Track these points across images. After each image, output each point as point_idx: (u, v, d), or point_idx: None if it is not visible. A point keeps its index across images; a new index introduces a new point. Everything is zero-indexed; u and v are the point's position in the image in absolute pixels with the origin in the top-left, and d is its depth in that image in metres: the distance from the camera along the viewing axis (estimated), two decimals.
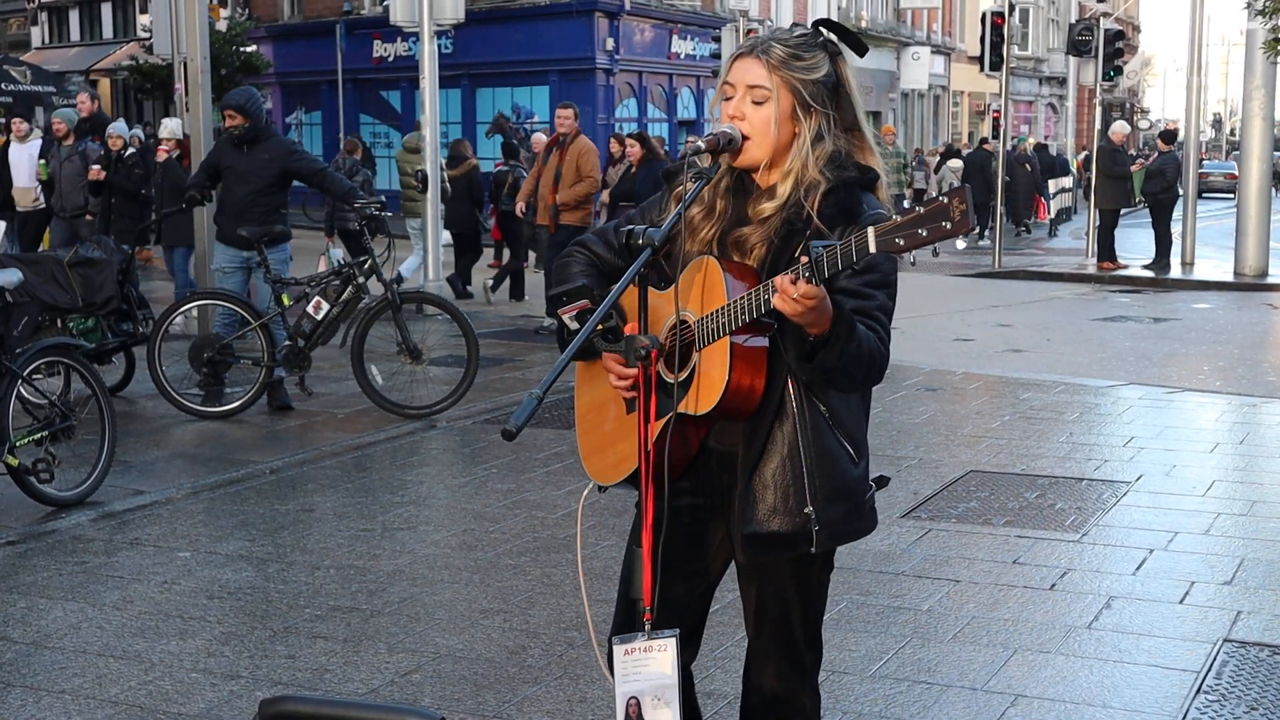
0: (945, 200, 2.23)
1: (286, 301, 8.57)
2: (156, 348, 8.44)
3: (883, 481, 2.79)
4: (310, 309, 8.49)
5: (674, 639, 2.55)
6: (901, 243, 2.27)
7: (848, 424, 2.68)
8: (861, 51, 2.75)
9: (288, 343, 8.52)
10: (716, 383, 2.57)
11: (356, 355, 8.49)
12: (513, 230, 14.89)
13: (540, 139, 17.00)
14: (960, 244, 23.20)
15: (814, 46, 2.68)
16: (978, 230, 25.37)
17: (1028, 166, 27.64)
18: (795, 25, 2.77)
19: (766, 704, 2.82)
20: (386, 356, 8.79)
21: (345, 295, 8.55)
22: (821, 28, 2.73)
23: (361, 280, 8.59)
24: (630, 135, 12.98)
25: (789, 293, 2.37)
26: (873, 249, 2.28)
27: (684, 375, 2.63)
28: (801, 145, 2.66)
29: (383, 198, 9.76)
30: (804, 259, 2.37)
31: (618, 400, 2.78)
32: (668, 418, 2.62)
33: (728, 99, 2.70)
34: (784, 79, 2.64)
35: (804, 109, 2.66)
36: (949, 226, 2.23)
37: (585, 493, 2.85)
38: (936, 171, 27.55)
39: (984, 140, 32.82)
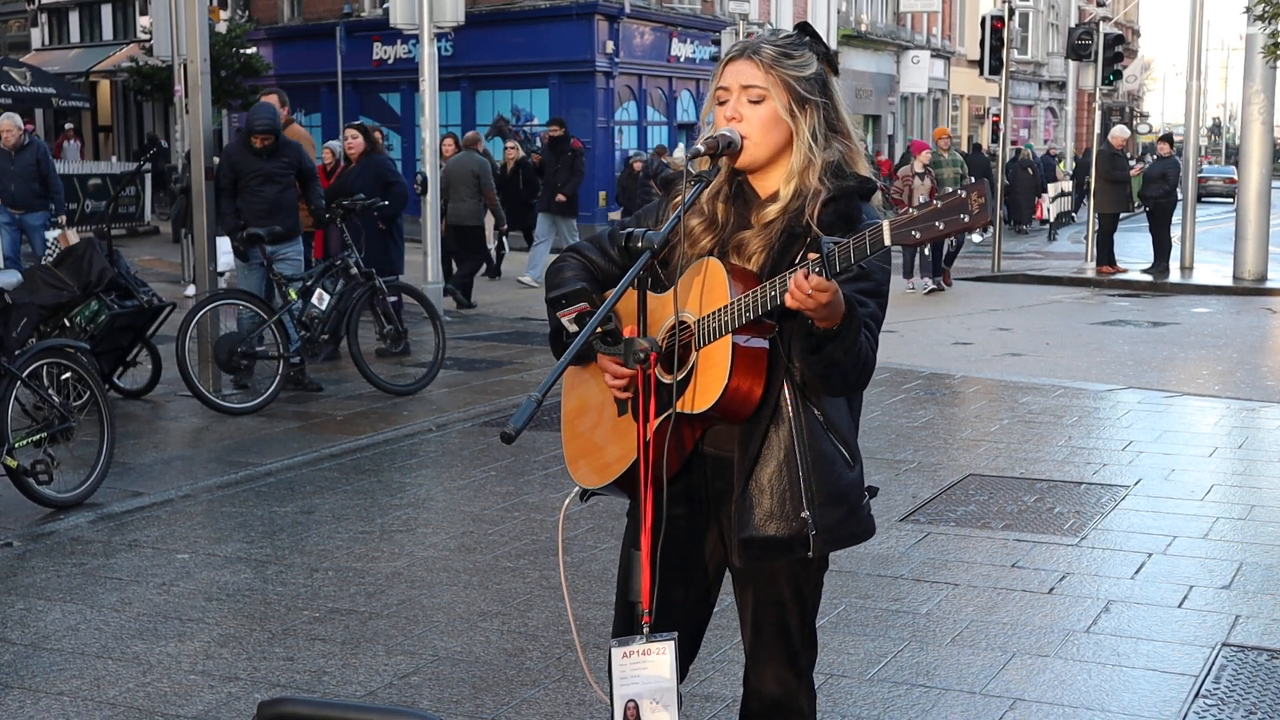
0: (963, 194, 2.25)
1: (293, 296, 9.06)
2: (184, 349, 8.48)
3: (872, 492, 2.80)
4: (314, 300, 9.11)
5: (672, 642, 2.55)
6: (918, 235, 2.28)
7: (841, 428, 2.69)
8: (834, 71, 2.78)
9: (304, 334, 9.11)
10: (716, 381, 2.56)
11: (352, 338, 9.16)
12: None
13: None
14: (976, 238, 22.99)
15: (801, 46, 2.71)
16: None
17: (1029, 170, 27.67)
18: (776, 29, 2.79)
19: (767, 709, 2.82)
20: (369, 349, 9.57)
21: (339, 287, 9.27)
22: (805, 32, 2.76)
23: (354, 271, 9.32)
24: (351, 126, 11.62)
25: (803, 287, 2.38)
26: (888, 241, 2.31)
27: (682, 375, 2.62)
28: (801, 142, 2.67)
29: (362, 195, 10.39)
30: (813, 255, 2.38)
31: (607, 404, 2.78)
32: (665, 416, 2.62)
33: (722, 103, 2.71)
34: (778, 77, 2.66)
35: (799, 104, 2.68)
36: (967, 219, 2.25)
37: (566, 501, 2.84)
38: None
39: (977, 146, 32.82)
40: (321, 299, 9.14)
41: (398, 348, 9.99)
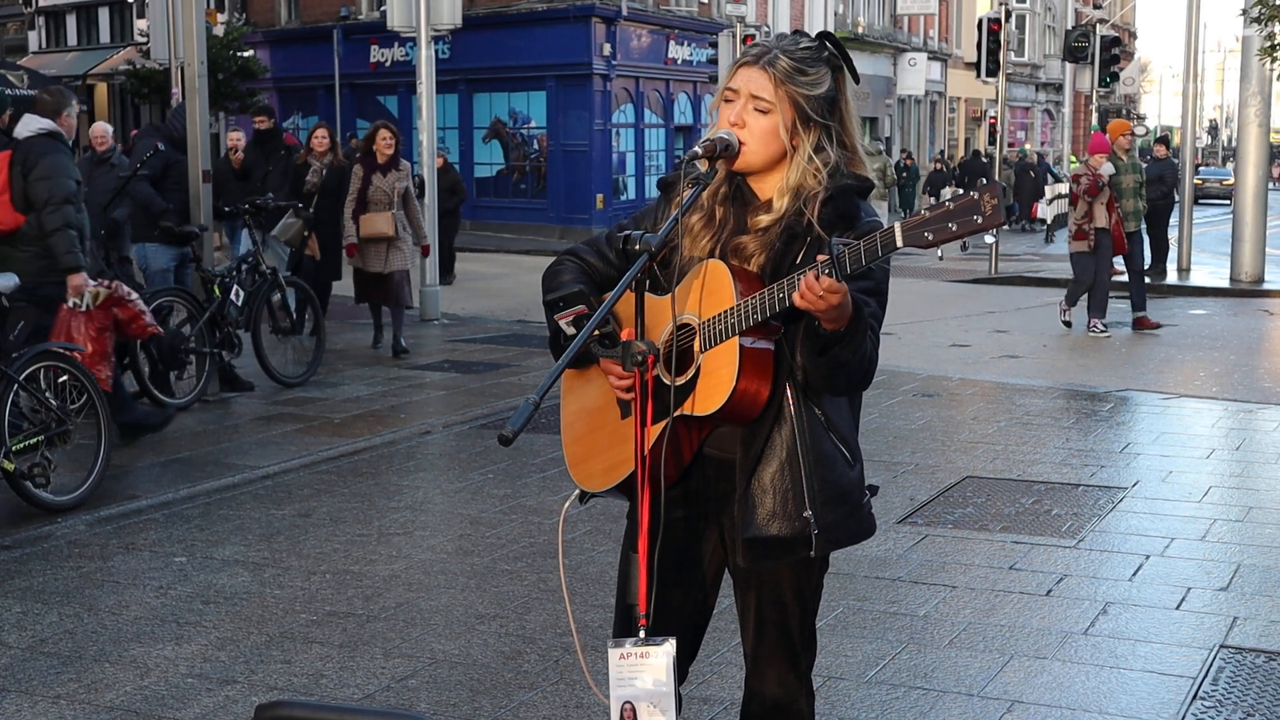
0: (975, 195, 2.27)
1: (218, 293, 9.30)
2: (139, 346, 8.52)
3: (873, 490, 2.80)
4: (232, 296, 9.37)
5: (670, 644, 2.55)
6: (930, 236, 2.29)
7: (842, 428, 2.70)
8: (854, 79, 2.77)
9: (228, 329, 9.31)
10: (723, 384, 2.56)
11: (256, 329, 9.50)
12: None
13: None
14: (988, 238, 22.81)
15: (818, 60, 2.69)
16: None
17: (1032, 174, 27.74)
18: (800, 34, 2.77)
19: (768, 711, 2.82)
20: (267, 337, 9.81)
21: (250, 284, 9.61)
22: (826, 41, 2.74)
23: (263, 268, 9.68)
24: None
25: (814, 288, 2.38)
26: (899, 243, 2.33)
27: (686, 378, 2.62)
28: (800, 159, 2.67)
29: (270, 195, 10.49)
30: (823, 257, 2.38)
31: (608, 406, 2.77)
32: (665, 421, 2.61)
33: (729, 102, 2.71)
34: (788, 93, 2.65)
35: (804, 123, 2.67)
36: (980, 220, 2.26)
37: (566, 504, 2.84)
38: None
39: (976, 152, 32.92)
40: (239, 295, 9.38)
41: (289, 340, 10.14)
